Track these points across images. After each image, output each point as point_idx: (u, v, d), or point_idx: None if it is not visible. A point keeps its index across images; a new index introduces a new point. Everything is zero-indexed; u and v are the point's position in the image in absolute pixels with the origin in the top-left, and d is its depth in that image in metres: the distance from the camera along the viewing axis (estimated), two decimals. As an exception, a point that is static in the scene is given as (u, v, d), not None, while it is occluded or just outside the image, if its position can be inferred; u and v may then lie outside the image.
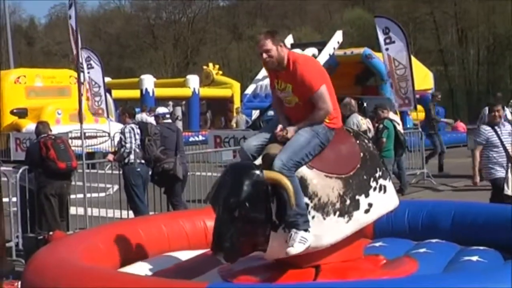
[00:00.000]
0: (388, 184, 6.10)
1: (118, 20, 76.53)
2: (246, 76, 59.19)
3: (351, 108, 12.65)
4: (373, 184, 5.95)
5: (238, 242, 5.37)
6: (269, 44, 5.86)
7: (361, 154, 5.99)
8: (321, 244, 5.68)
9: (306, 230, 5.56)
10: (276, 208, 5.50)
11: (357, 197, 5.84)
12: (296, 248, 5.48)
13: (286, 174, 5.51)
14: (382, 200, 6.02)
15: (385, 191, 6.04)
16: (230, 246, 5.34)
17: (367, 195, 5.89)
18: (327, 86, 5.84)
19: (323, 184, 5.72)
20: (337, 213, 5.73)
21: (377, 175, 6.01)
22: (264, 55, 5.86)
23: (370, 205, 5.91)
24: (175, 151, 11.21)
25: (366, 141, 6.23)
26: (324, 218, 5.68)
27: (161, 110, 12.30)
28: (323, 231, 5.67)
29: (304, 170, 5.68)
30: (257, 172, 5.46)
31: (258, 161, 5.69)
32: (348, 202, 5.79)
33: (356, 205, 5.83)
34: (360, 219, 5.88)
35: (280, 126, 5.84)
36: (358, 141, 6.09)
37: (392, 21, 18.36)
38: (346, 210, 5.78)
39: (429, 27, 60.96)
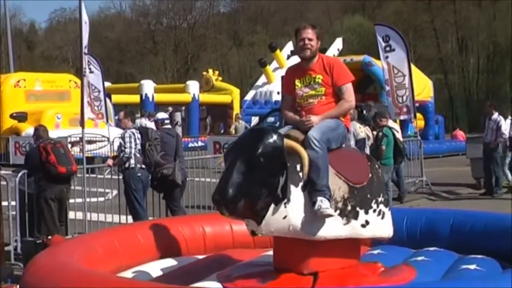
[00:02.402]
0: (387, 212, 6.15)
1: (119, 25, 76.57)
2: (245, 83, 59.27)
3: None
4: (374, 205, 6.01)
5: (241, 194, 5.39)
6: (313, 34, 6.25)
7: (370, 175, 6.09)
8: (314, 234, 5.70)
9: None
10: (283, 183, 5.57)
11: (357, 209, 5.90)
12: (330, 211, 5.62)
13: (318, 145, 5.73)
14: (379, 224, 6.07)
15: (382, 217, 6.10)
16: (233, 196, 5.35)
17: (366, 212, 5.95)
18: None
19: (332, 180, 5.80)
20: (338, 211, 5.79)
21: (379, 199, 6.07)
22: (306, 41, 6.19)
23: (367, 222, 5.96)
24: (174, 156, 11.22)
25: (377, 166, 6.36)
26: None
27: (160, 115, 12.31)
28: (321, 222, 5.71)
29: None
30: (277, 136, 5.60)
31: None
32: (349, 208, 5.86)
33: (355, 215, 5.89)
34: (356, 228, 5.92)
35: (303, 114, 6.09)
36: (369, 163, 6.25)
37: (393, 29, 18.40)
38: (346, 214, 5.85)
39: (429, 35, 61.00)
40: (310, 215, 5.69)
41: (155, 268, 6.74)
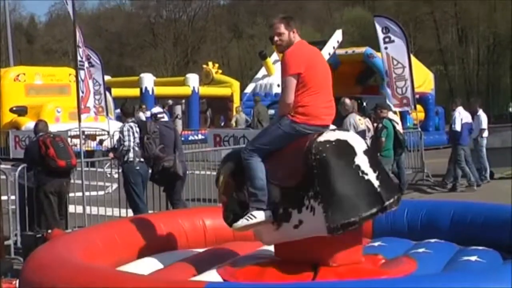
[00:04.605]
0: (318, 207, 5.65)
1: (119, 18, 76.57)
2: (246, 75, 59.26)
3: (346, 108, 12.61)
4: (306, 202, 5.71)
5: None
6: (282, 28, 6.07)
7: (306, 170, 5.73)
8: (263, 240, 6.27)
9: (258, 209, 5.89)
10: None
11: (290, 209, 5.77)
12: (239, 222, 5.99)
13: (244, 156, 6.01)
14: (312, 220, 5.70)
15: (314, 213, 5.69)
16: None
17: (299, 211, 5.74)
18: (305, 77, 5.90)
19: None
20: (284, 217, 5.82)
21: (310, 193, 5.69)
22: (276, 38, 6.11)
23: (300, 221, 5.74)
24: (173, 149, 11.18)
25: (318, 156, 5.70)
26: None
27: (155, 110, 12.28)
28: (261, 229, 6.01)
29: None
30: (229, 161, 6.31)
31: None
32: (281, 211, 5.81)
33: (286, 217, 5.78)
34: (288, 231, 5.81)
35: None
36: (310, 155, 5.71)
37: (392, 21, 18.36)
38: (277, 218, 5.84)
39: (429, 27, 60.96)
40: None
41: (155, 261, 6.73)
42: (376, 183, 5.67)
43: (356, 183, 5.64)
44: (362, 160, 5.71)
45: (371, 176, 5.68)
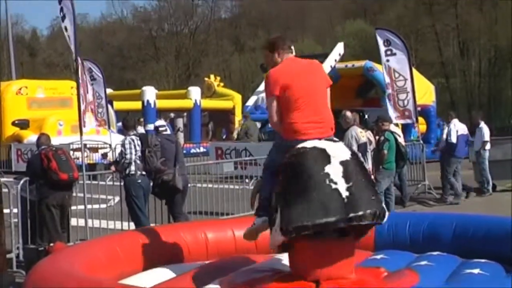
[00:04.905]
0: (278, 210, 5.73)
1: (120, 31, 76.61)
2: (247, 88, 59.28)
3: (347, 120, 12.61)
4: (279, 206, 5.76)
5: None
6: (266, 53, 6.37)
7: (284, 173, 5.83)
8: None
9: (256, 215, 6.28)
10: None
11: (275, 214, 5.81)
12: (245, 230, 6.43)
13: (263, 172, 6.38)
14: (278, 224, 5.73)
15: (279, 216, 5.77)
16: None
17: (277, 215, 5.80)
18: (283, 97, 6.02)
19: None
20: (272, 222, 5.89)
21: (279, 197, 5.80)
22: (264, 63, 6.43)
23: (278, 225, 5.75)
24: (174, 162, 11.17)
25: (288, 160, 5.85)
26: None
27: (157, 123, 12.29)
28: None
29: None
30: None
31: None
32: (273, 215, 5.84)
33: (274, 220, 5.81)
34: (274, 235, 5.82)
35: None
36: (286, 160, 5.87)
37: (393, 33, 18.38)
38: (273, 222, 5.85)
39: (431, 39, 60.99)
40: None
41: (158, 274, 6.73)
42: (344, 193, 5.56)
43: (320, 190, 5.58)
44: (334, 169, 5.65)
45: (341, 186, 5.59)
